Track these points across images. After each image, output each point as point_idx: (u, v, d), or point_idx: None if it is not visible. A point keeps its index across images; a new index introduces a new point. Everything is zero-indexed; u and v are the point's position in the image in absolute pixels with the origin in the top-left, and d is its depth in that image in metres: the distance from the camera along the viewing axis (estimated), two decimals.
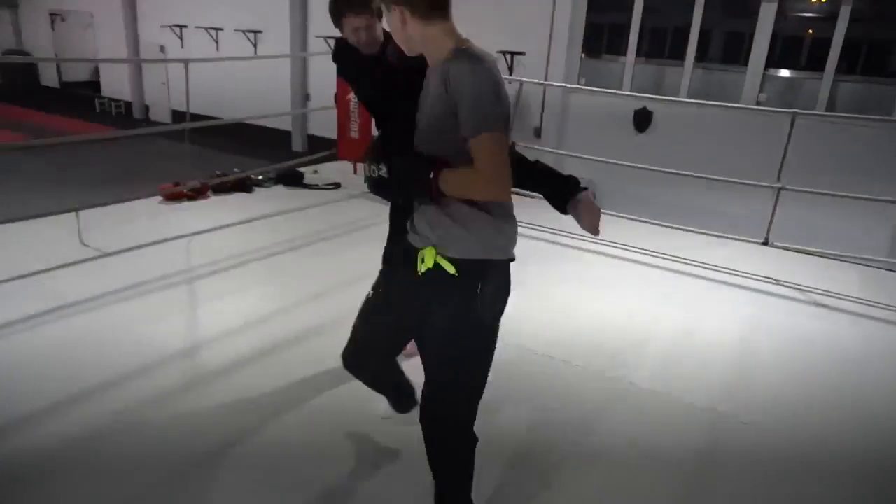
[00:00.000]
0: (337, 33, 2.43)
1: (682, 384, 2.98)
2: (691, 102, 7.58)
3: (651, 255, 4.66)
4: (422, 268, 1.62)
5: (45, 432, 2.31)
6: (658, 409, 2.79)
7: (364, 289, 1.86)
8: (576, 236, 4.90)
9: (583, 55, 9.49)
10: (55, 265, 3.57)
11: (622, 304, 3.84)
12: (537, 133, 9.82)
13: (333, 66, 2.64)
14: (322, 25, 11.55)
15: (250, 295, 3.62)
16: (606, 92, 8.24)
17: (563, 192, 1.93)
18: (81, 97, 16.23)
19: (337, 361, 1.91)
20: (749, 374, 3.15)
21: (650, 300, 3.93)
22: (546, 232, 4.99)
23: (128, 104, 15.63)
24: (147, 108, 15.30)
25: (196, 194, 5.20)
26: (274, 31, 12.34)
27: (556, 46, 9.37)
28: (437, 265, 1.60)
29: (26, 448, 2.24)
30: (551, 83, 8.64)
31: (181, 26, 13.68)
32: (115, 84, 15.83)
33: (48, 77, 17.40)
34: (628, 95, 8.68)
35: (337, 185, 5.86)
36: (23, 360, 2.78)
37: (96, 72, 16.56)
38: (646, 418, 2.72)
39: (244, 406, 2.56)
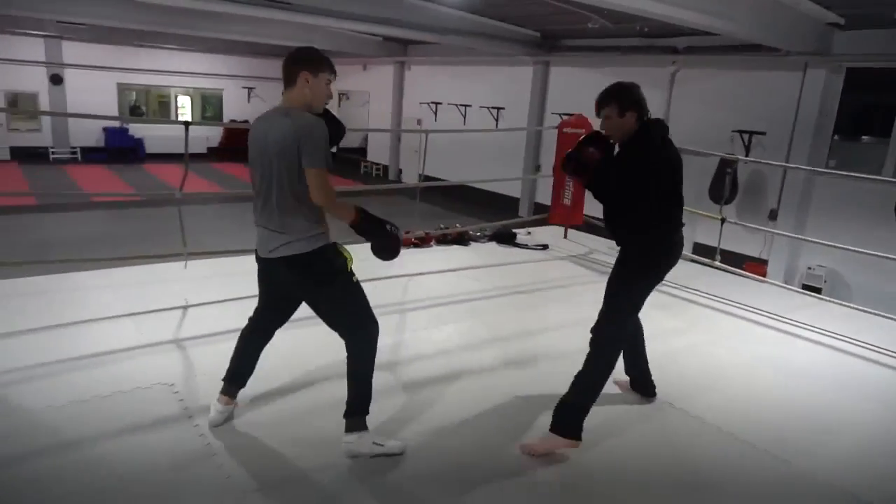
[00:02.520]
0: (570, 109, 2.93)
1: (871, 487, 2.67)
2: None
3: (878, 351, 4.14)
4: None
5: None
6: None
7: (546, 341, 2.14)
8: (784, 320, 4.57)
9: (836, 136, 8.73)
10: None
11: (823, 393, 3.51)
12: (773, 215, 9.17)
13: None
14: (558, 103, 12.33)
15: (446, 330, 4.11)
16: (859, 177, 7.40)
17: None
18: (352, 161, 19.22)
19: (505, 396, 2.21)
20: None
21: (858, 396, 3.52)
22: (744, 309, 4.73)
23: (385, 167, 18.12)
24: (400, 171, 17.56)
25: (421, 242, 5.99)
26: (515, 107, 13.47)
27: (802, 127, 8.77)
28: None
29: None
30: (787, 164, 8.07)
31: (437, 103, 15.63)
32: (378, 150, 18.54)
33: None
34: (890, 181, 7.68)
35: (545, 247, 6.24)
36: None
37: (365, 140, 19.56)
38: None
39: (422, 416, 2.99)
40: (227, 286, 4.46)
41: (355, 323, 2.58)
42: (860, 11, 7.60)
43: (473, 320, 4.32)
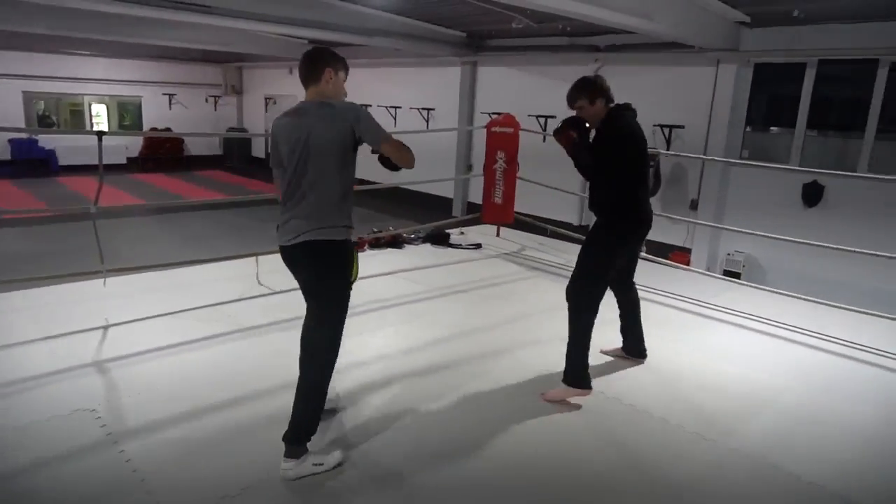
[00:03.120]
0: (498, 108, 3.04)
1: (792, 458, 2.83)
2: (868, 177, 6.96)
3: (791, 330, 4.39)
4: None
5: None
6: (758, 480, 2.68)
7: (484, 339, 2.14)
8: (706, 305, 4.79)
9: (748, 128, 9.21)
10: (238, 297, 4.34)
11: (744, 373, 3.69)
12: (693, 206, 9.58)
13: None
14: (487, 103, 12.46)
15: (384, 334, 4.07)
16: (769, 166, 7.87)
17: None
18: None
19: (446, 396, 2.20)
20: (883, 462, 2.89)
21: (776, 373, 3.72)
22: (676, 299, 4.92)
23: None
24: None
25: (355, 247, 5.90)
26: (445, 108, 13.53)
27: (717, 119, 9.21)
28: None
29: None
30: (706, 157, 8.46)
31: (366, 105, 15.49)
32: None
33: (258, 149, 20.42)
34: (795, 170, 8.17)
35: (478, 246, 6.29)
36: (198, 368, 3.44)
37: None
38: (744, 488, 2.63)
39: (366, 423, 2.95)
40: (149, 302, 4.27)
41: (328, 336, 2.59)
42: (764, 10, 8.05)
43: (412, 323, 4.30)
